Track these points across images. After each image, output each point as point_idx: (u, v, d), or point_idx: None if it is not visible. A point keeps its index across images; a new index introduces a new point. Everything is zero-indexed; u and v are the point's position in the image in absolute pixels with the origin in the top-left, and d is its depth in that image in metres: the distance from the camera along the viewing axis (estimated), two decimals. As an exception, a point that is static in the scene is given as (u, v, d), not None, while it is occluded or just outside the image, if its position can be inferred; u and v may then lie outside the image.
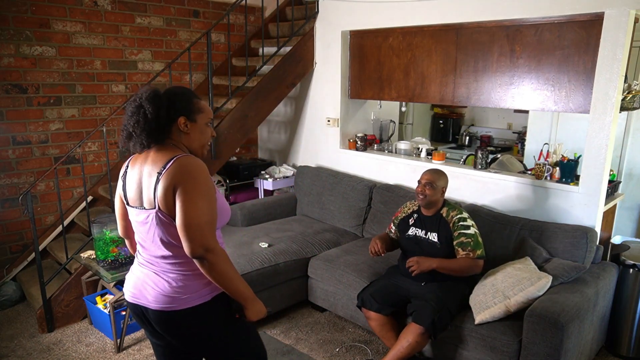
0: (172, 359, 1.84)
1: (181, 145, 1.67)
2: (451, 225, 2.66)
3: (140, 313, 1.72)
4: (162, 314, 1.64)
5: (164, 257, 1.65)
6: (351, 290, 3.00)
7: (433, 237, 2.70)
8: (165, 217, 1.58)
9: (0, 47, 3.43)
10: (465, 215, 2.70)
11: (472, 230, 2.64)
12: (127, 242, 1.90)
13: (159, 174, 1.57)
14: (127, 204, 1.70)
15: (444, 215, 2.71)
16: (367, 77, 3.97)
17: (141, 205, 1.64)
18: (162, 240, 1.62)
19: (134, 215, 1.68)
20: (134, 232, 1.77)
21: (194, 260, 1.57)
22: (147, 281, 1.68)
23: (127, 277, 1.78)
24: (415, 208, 2.86)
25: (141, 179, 1.64)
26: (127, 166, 1.72)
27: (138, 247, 1.75)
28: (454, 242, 2.64)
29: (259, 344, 1.85)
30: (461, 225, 2.65)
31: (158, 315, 1.65)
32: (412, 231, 2.80)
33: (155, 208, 1.59)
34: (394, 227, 2.94)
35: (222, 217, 1.69)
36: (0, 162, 3.57)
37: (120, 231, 1.86)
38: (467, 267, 2.61)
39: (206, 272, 1.58)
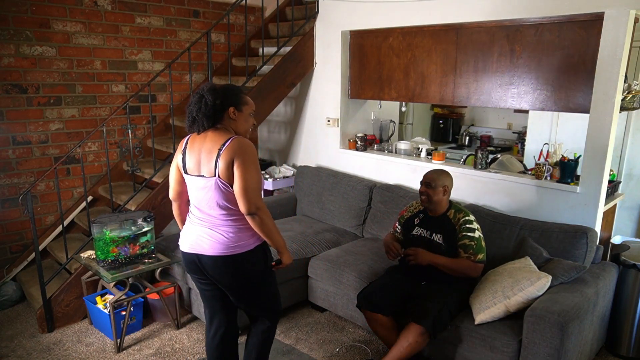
0: (216, 302, 2.28)
1: (230, 129, 2.08)
2: (457, 227, 2.66)
3: (194, 261, 2.14)
4: (216, 259, 2.07)
5: (217, 216, 2.07)
6: (351, 290, 3.00)
7: (438, 238, 2.69)
8: (222, 184, 2.01)
9: (0, 47, 3.43)
10: (472, 218, 2.69)
11: (476, 234, 2.64)
12: (174, 204, 2.32)
13: (220, 150, 1.98)
14: (186, 172, 2.12)
15: (451, 217, 2.71)
16: (367, 77, 3.97)
17: (199, 174, 2.07)
18: (217, 203, 2.05)
19: (193, 182, 2.11)
20: (185, 196, 2.23)
21: (247, 217, 2.02)
22: (202, 235, 2.10)
23: (182, 234, 2.22)
24: (422, 208, 2.85)
25: (200, 154, 2.05)
26: (186, 143, 2.14)
27: (193, 208, 2.16)
28: (458, 243, 2.64)
29: (278, 295, 2.32)
30: (467, 227, 2.64)
31: (213, 260, 2.08)
32: (416, 231, 2.79)
33: (215, 177, 2.01)
34: (399, 227, 2.94)
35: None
36: (0, 162, 3.57)
37: (171, 194, 2.27)
38: (466, 268, 2.61)
39: (256, 225, 2.04)
